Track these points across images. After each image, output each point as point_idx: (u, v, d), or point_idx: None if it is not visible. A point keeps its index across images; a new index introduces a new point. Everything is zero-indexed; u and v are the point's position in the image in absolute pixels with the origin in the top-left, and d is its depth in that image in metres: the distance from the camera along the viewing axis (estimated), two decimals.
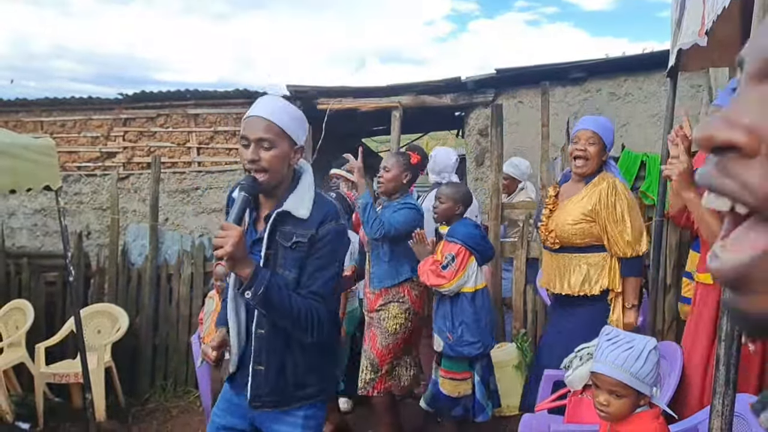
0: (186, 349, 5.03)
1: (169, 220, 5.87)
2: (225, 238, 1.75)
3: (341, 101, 5.98)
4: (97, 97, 6.09)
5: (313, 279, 1.93)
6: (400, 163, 3.37)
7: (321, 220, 1.93)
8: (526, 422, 2.78)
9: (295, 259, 1.92)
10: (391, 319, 3.33)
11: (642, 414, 1.81)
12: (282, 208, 1.91)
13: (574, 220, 2.92)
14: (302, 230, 1.92)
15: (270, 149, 1.86)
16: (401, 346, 3.38)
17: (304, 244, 1.91)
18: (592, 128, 2.95)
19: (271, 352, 1.96)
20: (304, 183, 1.99)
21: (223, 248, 1.74)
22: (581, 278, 2.94)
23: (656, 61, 5.27)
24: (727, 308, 1.33)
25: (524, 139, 5.84)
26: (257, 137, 1.85)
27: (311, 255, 1.92)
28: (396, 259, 3.34)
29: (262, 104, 1.91)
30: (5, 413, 4.41)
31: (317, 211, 1.94)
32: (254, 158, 1.85)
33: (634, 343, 1.80)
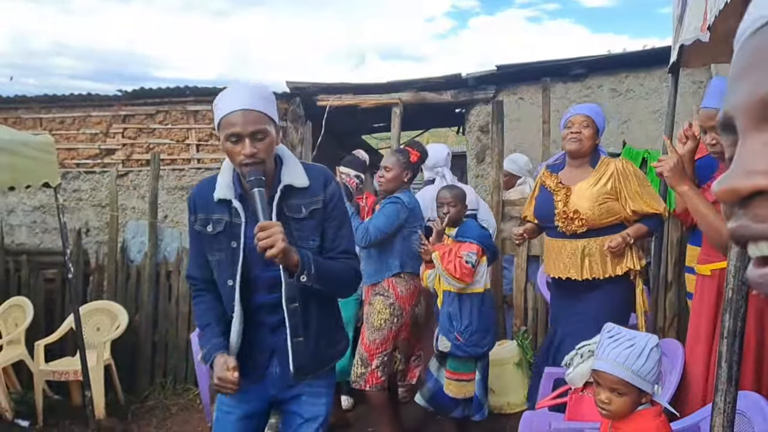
0: (185, 346, 5.02)
1: (168, 217, 5.86)
2: (272, 237, 1.75)
3: (341, 98, 5.96)
4: (96, 94, 6.07)
5: (339, 239, 2.00)
6: (400, 162, 3.38)
7: (324, 183, 1.98)
8: (526, 420, 2.77)
9: (313, 227, 1.96)
10: (376, 314, 3.35)
11: (643, 412, 1.80)
12: (283, 183, 1.92)
13: (598, 200, 2.94)
14: (309, 198, 1.95)
15: (263, 139, 1.85)
16: (390, 342, 3.37)
17: (320, 210, 1.96)
18: (586, 113, 3.04)
19: (307, 322, 1.98)
20: (288, 157, 2.00)
21: (276, 246, 1.75)
22: (604, 260, 2.94)
23: (657, 57, 5.25)
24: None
25: (525, 136, 5.82)
26: (251, 131, 1.82)
27: (327, 218, 1.98)
28: (384, 254, 3.36)
29: (240, 96, 1.85)
30: (5, 411, 4.41)
31: (314, 176, 1.98)
32: (253, 152, 1.83)
33: (636, 340, 1.79)
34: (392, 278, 3.36)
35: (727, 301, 1.35)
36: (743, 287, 1.32)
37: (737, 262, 1.33)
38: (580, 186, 3.00)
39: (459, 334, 3.13)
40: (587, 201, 2.95)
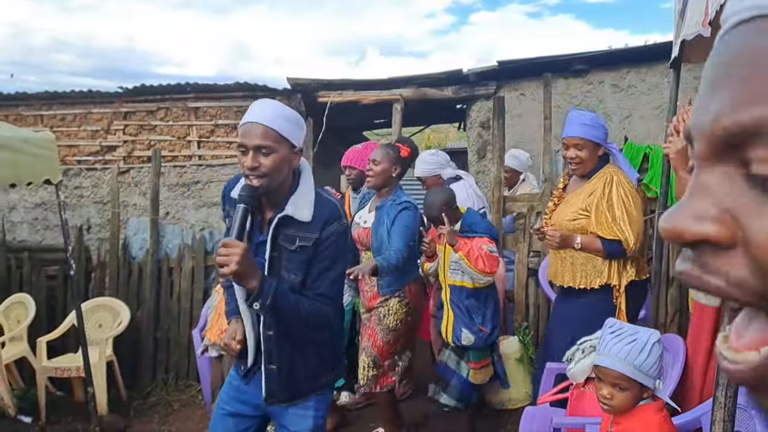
0: (187, 342, 5.03)
1: (169, 214, 5.86)
2: (229, 257, 1.76)
3: (342, 94, 5.95)
4: (97, 91, 6.07)
5: (320, 281, 1.95)
6: (389, 156, 3.30)
7: (324, 222, 1.93)
8: (528, 415, 2.77)
9: (300, 262, 1.93)
10: (392, 315, 3.30)
11: (645, 407, 1.81)
12: (284, 213, 1.91)
13: (572, 216, 2.94)
14: (305, 233, 1.92)
15: (269, 155, 1.85)
16: (402, 341, 3.36)
17: (309, 247, 1.92)
18: (578, 135, 2.94)
19: (282, 352, 1.99)
20: (304, 184, 1.98)
21: (228, 267, 1.75)
22: (581, 271, 2.95)
23: (659, 52, 5.24)
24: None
25: (526, 132, 5.81)
26: (255, 144, 1.84)
27: (316, 257, 1.94)
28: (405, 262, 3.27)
29: (258, 109, 1.88)
30: (7, 407, 4.42)
31: (319, 212, 1.94)
32: (254, 165, 1.84)
33: (638, 335, 1.79)
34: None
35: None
36: None
37: None
38: (572, 195, 3.01)
39: (482, 326, 3.14)
40: (564, 216, 2.96)
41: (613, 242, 2.82)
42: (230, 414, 2.12)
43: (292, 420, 2.06)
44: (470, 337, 3.15)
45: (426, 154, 3.72)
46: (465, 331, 3.17)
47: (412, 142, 3.54)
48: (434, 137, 15.88)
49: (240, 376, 2.12)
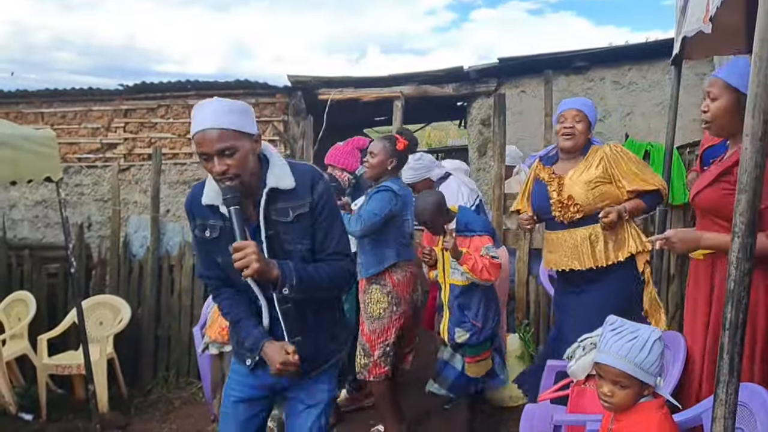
0: (188, 340, 5.03)
1: (170, 212, 5.86)
2: (246, 258, 1.78)
3: (342, 91, 5.95)
4: (98, 88, 6.08)
5: (329, 240, 1.98)
6: (386, 148, 3.31)
7: (311, 185, 1.94)
8: (528, 412, 2.77)
9: (302, 230, 1.95)
10: (374, 303, 3.33)
11: (646, 404, 1.80)
12: (268, 186, 1.91)
13: (590, 186, 2.90)
14: (296, 201, 1.93)
15: (233, 155, 1.83)
16: (392, 330, 3.35)
17: (306, 213, 1.94)
18: (577, 107, 3.00)
19: (304, 320, 2.01)
20: (273, 159, 1.97)
21: (250, 267, 1.77)
22: (605, 247, 2.90)
23: (660, 49, 5.24)
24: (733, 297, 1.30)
25: (527, 129, 5.81)
26: (216, 149, 1.81)
27: (317, 220, 1.95)
28: (378, 246, 3.31)
29: (204, 115, 1.84)
30: (8, 404, 4.43)
31: (300, 177, 1.95)
32: (222, 169, 1.83)
33: (639, 333, 1.79)
34: (389, 268, 3.35)
35: (729, 292, 1.34)
36: (745, 279, 1.32)
37: (739, 252, 1.32)
38: (572, 174, 2.98)
39: (474, 320, 3.13)
40: (579, 186, 2.92)
41: (649, 193, 2.90)
42: (241, 400, 2.13)
43: (310, 393, 2.10)
44: (464, 335, 3.15)
45: (411, 160, 3.73)
46: (458, 330, 3.17)
47: (411, 134, 3.52)
48: (435, 135, 15.86)
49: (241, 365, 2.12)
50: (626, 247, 2.90)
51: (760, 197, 1.32)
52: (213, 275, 2.10)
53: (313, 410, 2.09)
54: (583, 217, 2.94)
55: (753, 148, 1.30)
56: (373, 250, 3.32)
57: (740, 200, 1.32)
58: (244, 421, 2.12)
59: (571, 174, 2.98)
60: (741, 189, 1.32)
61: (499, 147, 4.68)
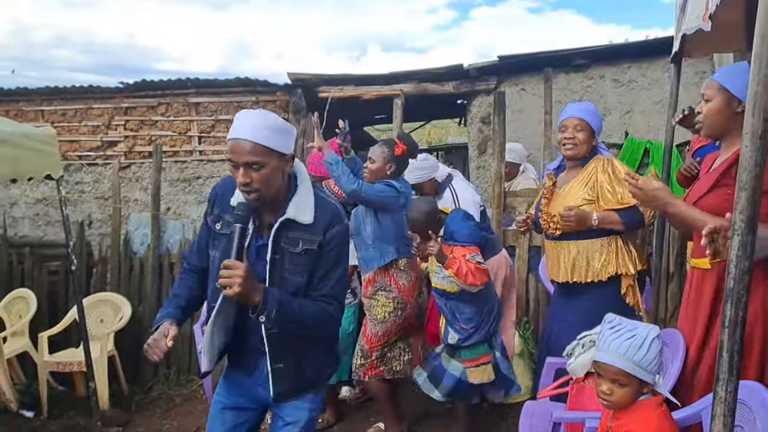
0: (189, 337, 5.03)
1: (171, 209, 5.87)
2: (232, 278, 1.77)
3: (343, 89, 5.96)
4: (98, 86, 6.08)
5: (324, 282, 1.97)
6: (384, 154, 3.33)
7: (327, 224, 1.94)
8: (528, 410, 2.77)
9: (304, 264, 1.94)
10: (380, 307, 3.34)
11: (645, 402, 1.81)
12: (285, 216, 1.91)
13: (576, 204, 2.89)
14: (309, 236, 1.93)
15: (260, 170, 1.84)
16: (393, 334, 3.37)
17: (314, 250, 1.93)
18: (578, 115, 2.97)
19: (287, 349, 1.99)
20: (303, 188, 1.97)
21: (233, 288, 1.77)
22: (587, 265, 2.90)
23: (660, 47, 5.24)
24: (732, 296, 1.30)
25: (527, 127, 5.82)
26: (244, 161, 1.83)
27: (320, 259, 1.95)
28: (379, 241, 3.32)
29: (243, 124, 1.86)
30: (9, 402, 4.43)
31: (321, 214, 1.95)
32: (246, 181, 1.84)
33: (637, 331, 1.79)
34: (392, 270, 3.35)
35: (729, 290, 1.35)
36: (745, 276, 1.32)
37: (738, 251, 1.33)
38: (563, 189, 2.99)
39: (463, 324, 3.13)
40: (562, 205, 2.92)
41: (628, 210, 2.81)
42: (228, 407, 2.13)
43: (290, 411, 2.08)
44: (454, 335, 3.17)
45: (417, 161, 3.73)
46: (450, 330, 3.18)
47: (410, 139, 3.53)
48: (435, 133, 15.85)
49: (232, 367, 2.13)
50: (607, 267, 2.88)
51: (760, 195, 1.33)
52: (195, 263, 2.13)
53: (292, 428, 2.08)
54: (563, 234, 2.95)
55: (753, 146, 1.31)
56: (374, 244, 3.34)
57: (740, 198, 1.32)
58: (230, 428, 2.12)
59: (563, 189, 3.00)
60: (741, 187, 1.32)
61: (498, 145, 4.68)
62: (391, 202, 3.28)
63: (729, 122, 2.14)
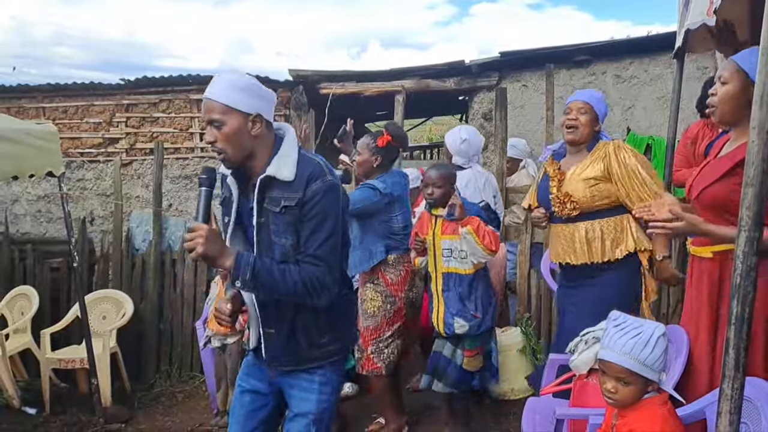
0: (191, 334, 5.04)
1: (172, 206, 5.87)
2: (193, 240, 1.79)
3: (344, 86, 5.94)
4: (99, 83, 6.07)
5: (310, 242, 1.90)
6: (369, 147, 3.32)
7: (307, 180, 1.90)
8: (531, 406, 2.77)
9: (287, 224, 1.90)
10: (368, 301, 3.34)
11: (650, 400, 1.80)
12: (265, 174, 1.90)
13: (591, 181, 2.88)
14: (289, 193, 1.89)
15: (220, 128, 1.88)
16: (385, 328, 3.35)
17: (293, 207, 1.89)
18: (583, 99, 2.99)
19: (279, 316, 1.98)
20: (285, 145, 1.96)
21: (195, 250, 1.79)
22: (602, 244, 2.88)
23: (662, 43, 5.22)
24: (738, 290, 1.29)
25: (528, 123, 5.81)
26: (209, 119, 1.89)
27: (303, 218, 1.89)
28: (367, 242, 3.32)
29: (211, 84, 1.93)
30: (12, 399, 4.44)
31: (302, 171, 1.91)
32: (211, 139, 1.90)
33: (642, 329, 1.78)
34: (380, 266, 3.33)
35: (735, 286, 1.34)
36: (752, 273, 1.31)
37: (745, 247, 1.32)
38: (573, 170, 2.98)
39: (476, 312, 3.14)
40: (578, 184, 2.91)
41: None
42: (246, 390, 2.14)
43: (295, 402, 2.06)
44: (464, 325, 3.15)
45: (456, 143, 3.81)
46: (458, 320, 3.16)
47: (398, 130, 3.50)
48: (436, 129, 15.83)
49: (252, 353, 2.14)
50: (624, 244, 2.88)
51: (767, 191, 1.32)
52: None
53: (301, 420, 2.04)
54: (580, 213, 2.94)
55: (760, 140, 1.29)
56: (361, 245, 3.32)
57: (747, 194, 1.31)
58: (248, 411, 2.13)
59: (572, 170, 2.98)
60: (747, 182, 1.31)
61: (500, 141, 4.67)
62: (373, 206, 3.24)
63: (744, 108, 1.93)
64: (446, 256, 3.18)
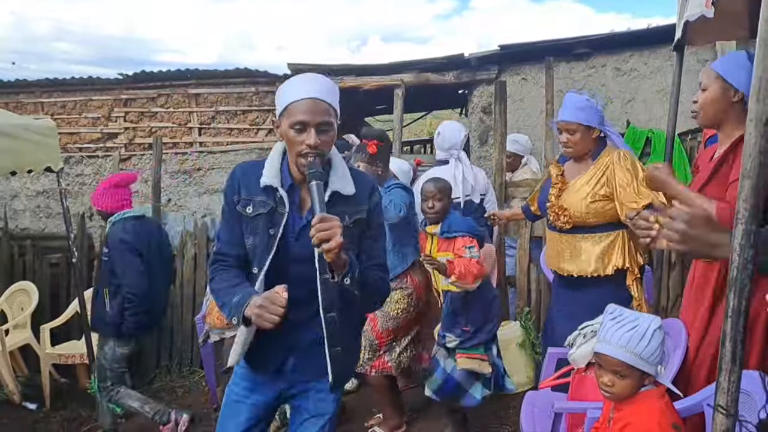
0: (190, 329, 5.04)
1: (171, 201, 5.87)
2: (330, 230, 1.65)
3: (343, 80, 5.93)
4: (98, 78, 6.07)
5: (375, 251, 1.96)
6: (365, 160, 3.30)
7: (370, 193, 1.94)
8: (529, 400, 2.77)
9: (353, 236, 1.89)
10: (393, 303, 3.29)
11: (647, 393, 1.80)
12: (331, 189, 1.85)
13: (590, 198, 2.87)
14: (354, 207, 1.89)
15: (328, 132, 1.81)
16: (402, 329, 3.36)
17: (364, 220, 1.91)
18: (568, 119, 2.94)
19: (344, 332, 1.93)
20: (337, 161, 1.92)
21: (334, 239, 1.65)
22: (593, 258, 2.88)
23: (662, 35, 5.21)
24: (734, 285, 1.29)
25: (528, 117, 5.79)
26: (319, 121, 1.78)
27: (368, 228, 1.94)
28: (400, 243, 3.29)
29: (311, 85, 1.81)
30: (12, 394, 4.45)
31: (361, 185, 1.93)
32: (316, 143, 1.77)
33: (639, 322, 1.78)
34: (410, 269, 3.32)
35: (732, 279, 1.33)
36: (748, 266, 1.31)
37: (742, 239, 1.31)
38: (575, 182, 2.96)
39: (465, 327, 3.10)
40: (577, 198, 2.90)
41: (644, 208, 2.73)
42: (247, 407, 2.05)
43: (313, 404, 2.02)
44: (454, 340, 3.13)
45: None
46: (448, 335, 3.14)
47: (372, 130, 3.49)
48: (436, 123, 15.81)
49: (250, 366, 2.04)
50: (613, 261, 2.87)
51: (764, 183, 1.31)
52: (234, 254, 1.97)
53: (318, 421, 2.02)
54: (573, 227, 2.93)
55: (757, 132, 1.29)
56: (395, 247, 3.28)
57: (744, 186, 1.30)
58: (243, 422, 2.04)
59: (575, 182, 2.96)
60: (745, 174, 1.30)
61: (500, 135, 4.65)
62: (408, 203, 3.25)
63: (725, 112, 2.15)
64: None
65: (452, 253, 3.04)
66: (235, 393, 2.09)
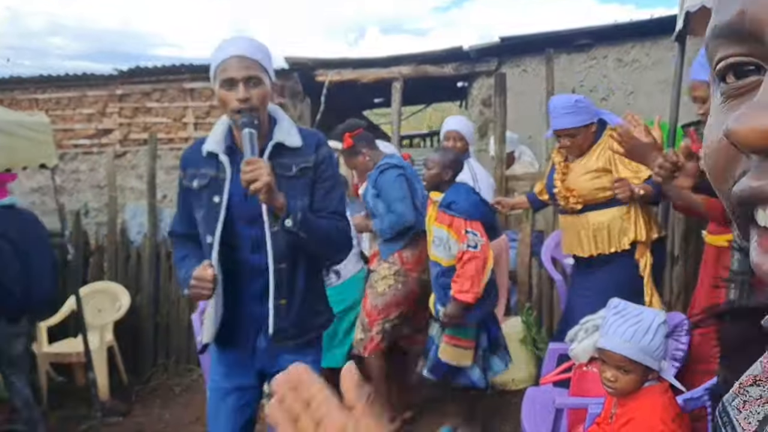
0: (187, 327, 5.00)
1: (167, 197, 5.83)
2: (256, 171, 1.73)
3: (340, 73, 5.87)
4: (92, 74, 6.02)
5: (329, 200, 1.98)
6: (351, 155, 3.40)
7: (316, 146, 1.97)
8: (530, 395, 2.75)
9: (302, 186, 1.93)
10: (381, 279, 3.30)
11: (650, 388, 1.76)
12: (275, 140, 1.92)
13: (591, 175, 2.87)
14: (302, 158, 1.94)
15: (257, 86, 1.85)
16: (393, 309, 3.31)
17: (310, 168, 1.94)
18: (565, 126, 2.92)
19: (292, 285, 1.97)
20: (282, 117, 2.00)
21: (260, 180, 1.72)
22: (608, 235, 2.87)
23: (664, 26, 5.14)
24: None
25: (528, 109, 5.74)
26: (245, 75, 1.82)
27: (318, 179, 1.96)
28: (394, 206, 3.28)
29: (236, 44, 1.87)
30: None
31: (307, 138, 1.98)
32: (246, 96, 1.82)
33: (642, 316, 1.74)
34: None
35: (733, 273, 1.28)
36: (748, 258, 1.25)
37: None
38: (578, 163, 2.97)
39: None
40: (581, 177, 2.91)
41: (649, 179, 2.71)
42: (229, 391, 2.05)
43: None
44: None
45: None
46: (441, 308, 3.10)
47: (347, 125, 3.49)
48: (435, 116, 15.76)
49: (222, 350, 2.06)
50: (629, 235, 2.86)
51: None
52: (185, 233, 2.07)
53: None
54: (585, 206, 2.91)
55: None
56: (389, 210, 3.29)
57: None
58: (234, 412, 2.04)
59: (577, 162, 2.97)
60: None
61: (500, 127, 4.60)
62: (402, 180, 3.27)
63: None
64: (436, 244, 3.12)
65: (448, 228, 3.00)
66: (215, 381, 2.11)
